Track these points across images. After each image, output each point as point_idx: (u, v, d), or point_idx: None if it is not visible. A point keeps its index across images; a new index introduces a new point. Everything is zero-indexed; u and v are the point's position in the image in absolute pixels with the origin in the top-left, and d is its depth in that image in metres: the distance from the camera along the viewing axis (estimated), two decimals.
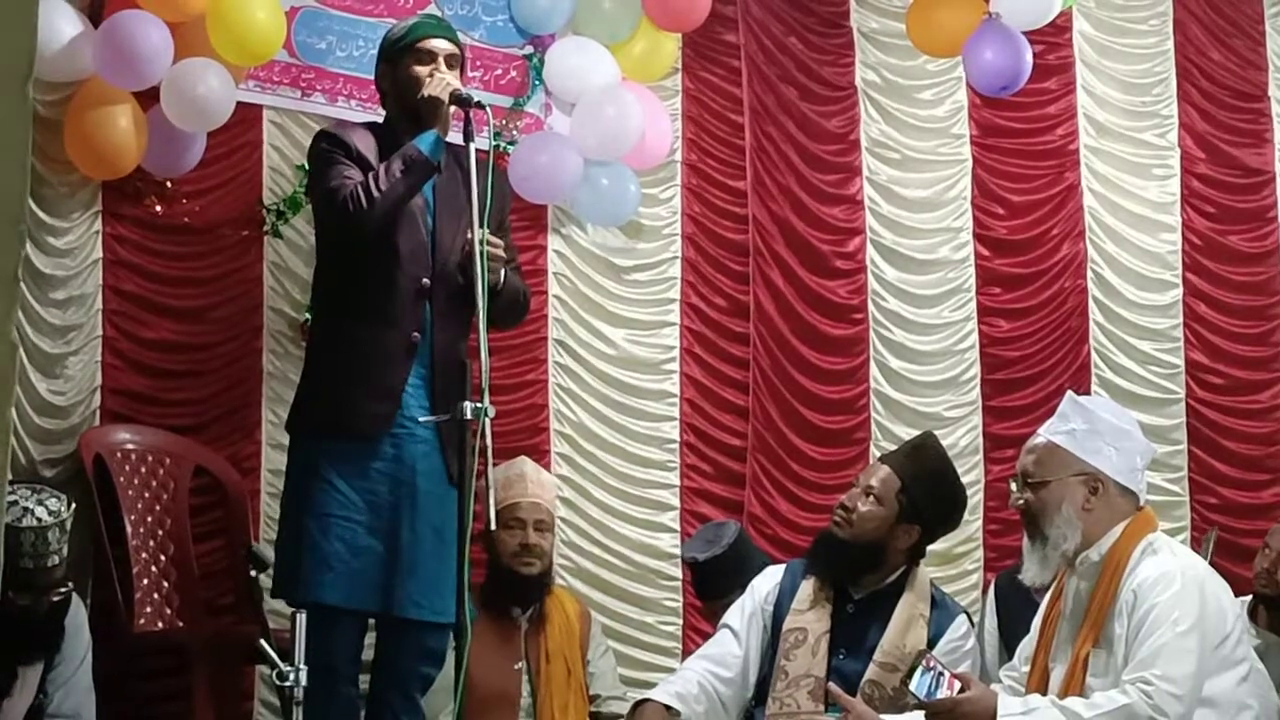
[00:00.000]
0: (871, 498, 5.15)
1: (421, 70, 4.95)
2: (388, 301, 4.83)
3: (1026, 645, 4.61)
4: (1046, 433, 4.50)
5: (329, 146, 4.97)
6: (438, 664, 4.97)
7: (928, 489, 5.24)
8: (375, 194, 4.74)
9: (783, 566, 5.38)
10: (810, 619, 5.10)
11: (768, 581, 5.32)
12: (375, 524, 4.77)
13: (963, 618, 5.26)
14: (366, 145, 4.95)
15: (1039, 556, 4.43)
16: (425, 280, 4.86)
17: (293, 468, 5.01)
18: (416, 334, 4.85)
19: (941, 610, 5.19)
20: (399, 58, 5.02)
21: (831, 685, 4.57)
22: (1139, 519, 4.40)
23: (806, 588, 5.18)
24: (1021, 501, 4.47)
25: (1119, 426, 4.49)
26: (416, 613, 4.78)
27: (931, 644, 5.02)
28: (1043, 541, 4.40)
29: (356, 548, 4.74)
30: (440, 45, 5.00)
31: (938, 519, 5.30)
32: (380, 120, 5.20)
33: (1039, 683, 4.39)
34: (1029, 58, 7.10)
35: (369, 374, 4.82)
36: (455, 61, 5.03)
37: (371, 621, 4.99)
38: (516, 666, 5.80)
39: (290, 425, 5.13)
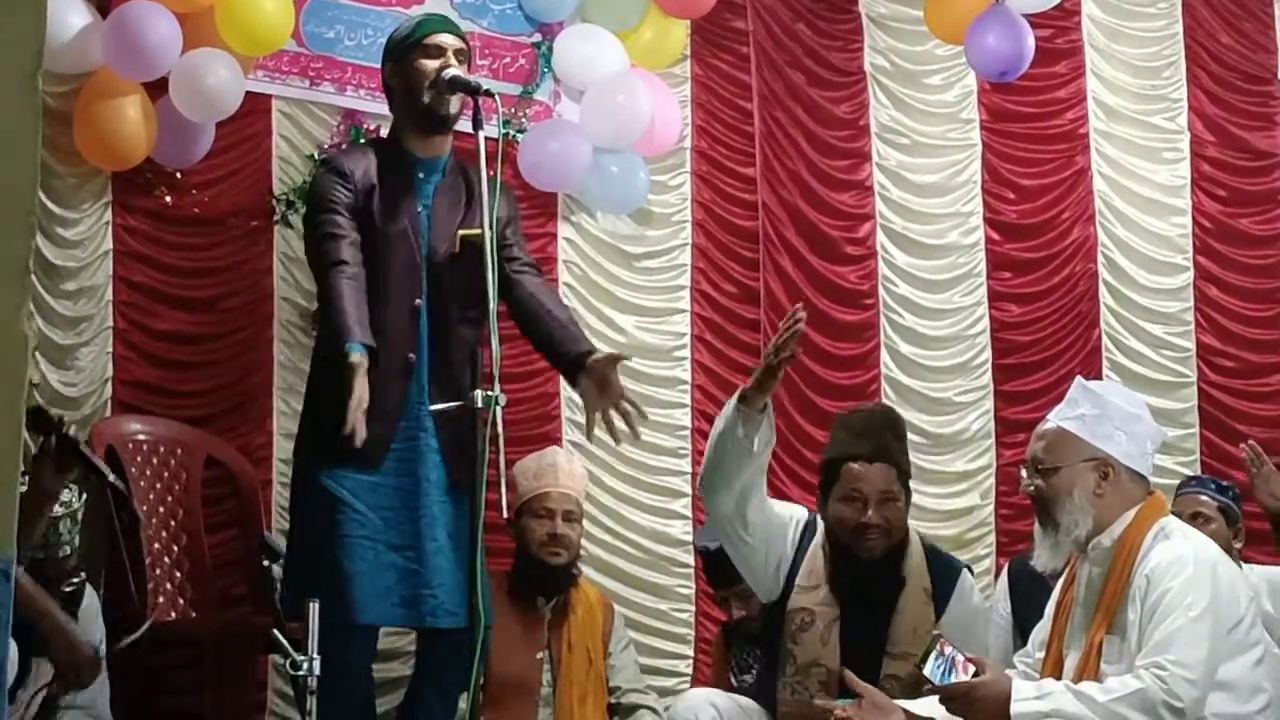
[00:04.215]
0: (891, 501, 5.05)
1: (430, 64, 4.96)
2: (381, 324, 4.84)
3: (1040, 631, 4.60)
4: (1056, 418, 4.49)
5: (331, 181, 5.01)
6: (481, 663, 4.96)
7: (908, 454, 5.24)
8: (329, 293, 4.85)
9: (804, 517, 5.26)
10: (814, 600, 5.05)
11: (796, 521, 5.23)
12: (396, 540, 4.79)
13: (964, 577, 5.23)
14: (367, 167, 4.96)
15: (1051, 542, 4.42)
16: (418, 301, 4.88)
17: (303, 493, 5.02)
18: (412, 355, 4.88)
19: (941, 576, 5.14)
20: (406, 54, 5.03)
21: (848, 672, 4.54)
22: (1150, 503, 4.39)
23: (814, 562, 5.14)
24: (1033, 488, 4.46)
25: (1129, 411, 4.48)
26: (451, 621, 4.78)
27: (939, 613, 5.03)
28: (1054, 527, 4.39)
29: (381, 565, 4.76)
30: (448, 40, 5.02)
31: None
32: (388, 121, 5.21)
33: (1053, 669, 4.38)
34: (1030, 44, 7.11)
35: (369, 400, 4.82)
36: (463, 57, 5.05)
37: None
38: (538, 656, 5.80)
39: (296, 451, 5.17)
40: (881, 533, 5.03)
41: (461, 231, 4.89)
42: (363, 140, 6.38)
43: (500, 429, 4.35)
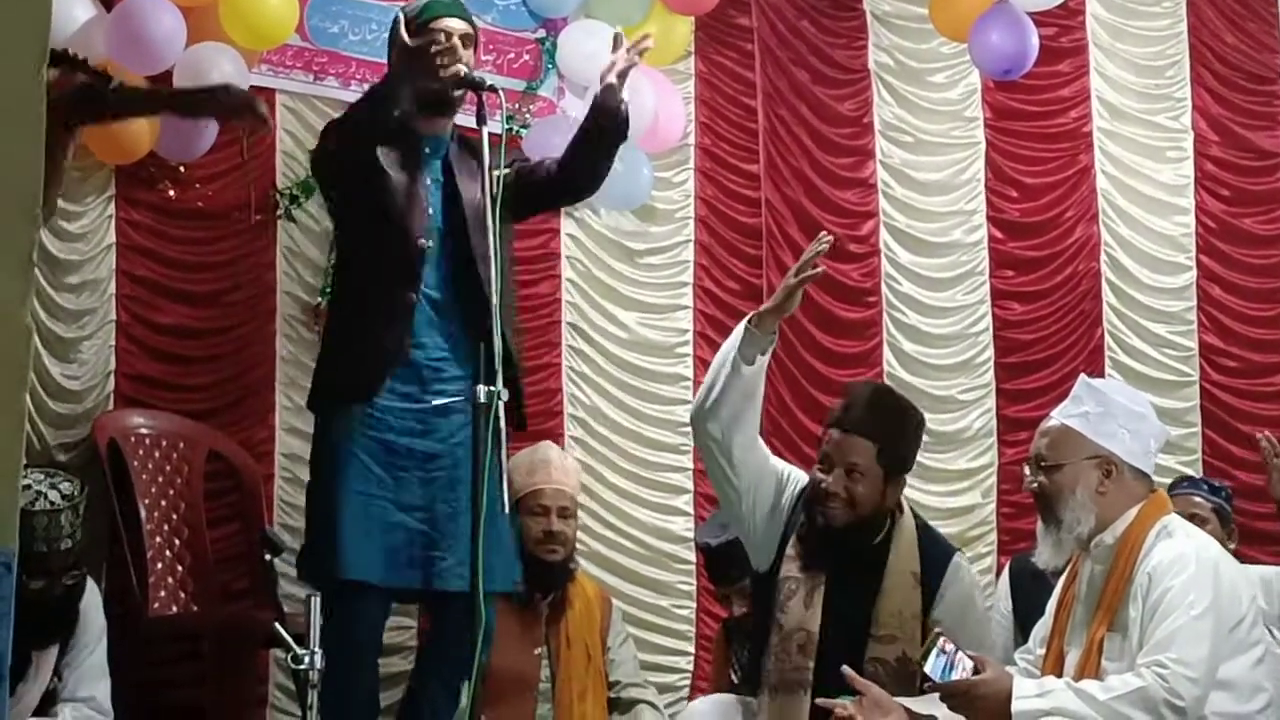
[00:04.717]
0: (857, 474, 4.94)
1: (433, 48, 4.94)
2: (386, 262, 4.83)
3: (1041, 628, 4.61)
4: (1060, 416, 4.50)
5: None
6: (485, 651, 4.93)
7: (902, 437, 5.11)
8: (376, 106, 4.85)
9: (803, 481, 5.16)
10: (798, 568, 4.98)
11: (795, 483, 5.17)
12: (406, 500, 4.76)
13: (955, 562, 5.12)
14: None
15: (1053, 540, 4.42)
16: (423, 241, 4.84)
17: (317, 444, 4.98)
18: (413, 295, 4.83)
19: (932, 561, 5.04)
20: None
21: (847, 669, 4.52)
22: (1153, 501, 4.40)
23: (801, 530, 5.07)
24: (1035, 485, 4.47)
25: (1133, 409, 4.48)
26: (461, 585, 4.70)
27: (928, 602, 4.96)
28: (1057, 525, 4.40)
29: (388, 524, 4.72)
30: (454, 24, 4.98)
31: (914, 456, 5.20)
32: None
33: (1054, 666, 4.38)
34: (1034, 42, 7.11)
35: (366, 333, 4.82)
36: (470, 41, 5.01)
37: (415, 608, 5.00)
38: (536, 651, 5.80)
39: (309, 401, 5.13)
40: (841, 503, 4.93)
41: (496, 172, 4.85)
42: None
43: (503, 424, 4.35)
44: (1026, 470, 4.55)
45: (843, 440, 4.99)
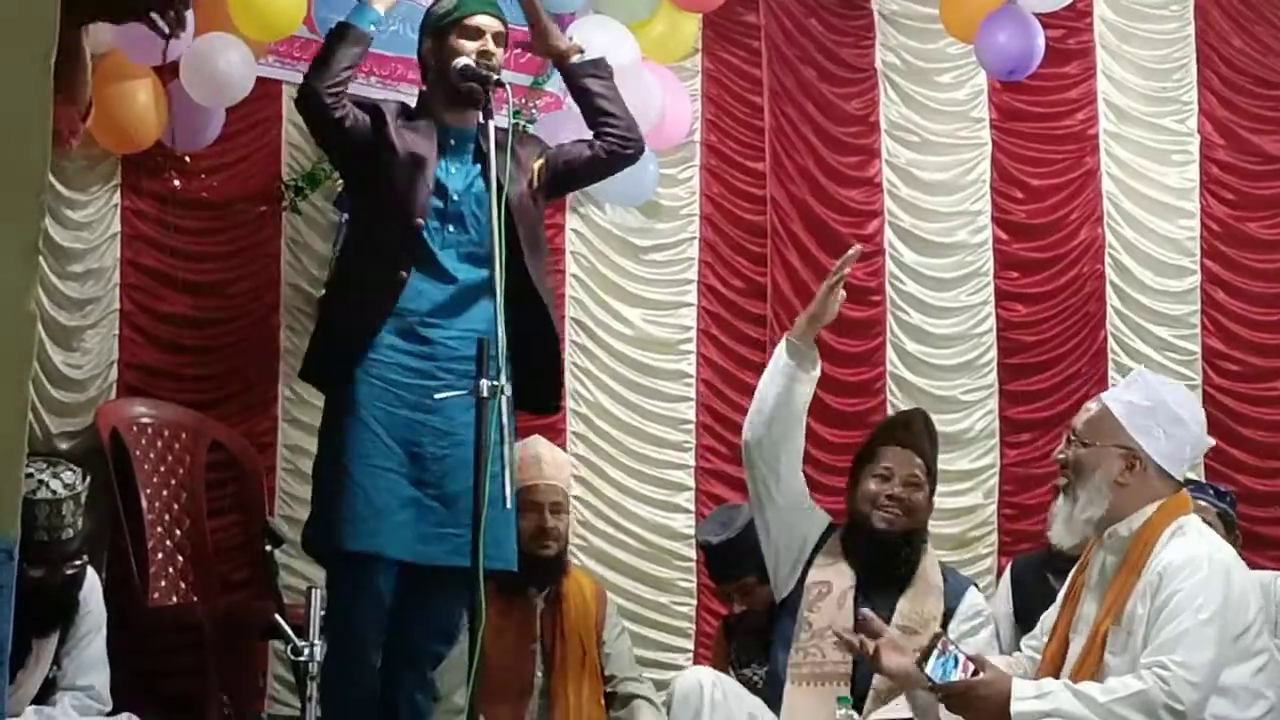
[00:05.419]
0: (914, 485, 5.26)
1: (468, 45, 4.92)
2: (384, 238, 4.82)
3: (1048, 617, 4.60)
4: (1107, 396, 4.50)
5: None
6: (450, 642, 4.94)
7: (936, 461, 5.44)
8: (311, 71, 4.85)
9: (829, 520, 5.40)
10: (832, 573, 5.17)
11: (821, 519, 5.39)
12: (420, 476, 4.73)
13: (974, 588, 5.40)
14: (387, 109, 4.94)
15: (1065, 515, 4.42)
16: (419, 220, 4.82)
17: (328, 417, 4.95)
18: (404, 272, 4.81)
19: (951, 581, 5.32)
20: (444, 33, 4.98)
21: (865, 610, 4.63)
22: (1174, 500, 4.37)
23: (832, 545, 5.26)
24: (1063, 456, 4.48)
25: (1175, 412, 4.42)
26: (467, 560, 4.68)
27: (949, 614, 5.13)
28: (1073, 501, 4.40)
29: (403, 499, 4.70)
30: (487, 22, 4.95)
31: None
32: (412, 103, 5.16)
33: (1058, 652, 4.38)
34: (1040, 43, 7.11)
35: (352, 306, 4.81)
36: (501, 39, 4.99)
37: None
38: (531, 647, 5.78)
39: (302, 371, 5.10)
40: (902, 509, 5.21)
41: (536, 163, 4.88)
42: None
43: (505, 419, 4.34)
44: (1064, 439, 4.56)
45: (903, 455, 5.32)
